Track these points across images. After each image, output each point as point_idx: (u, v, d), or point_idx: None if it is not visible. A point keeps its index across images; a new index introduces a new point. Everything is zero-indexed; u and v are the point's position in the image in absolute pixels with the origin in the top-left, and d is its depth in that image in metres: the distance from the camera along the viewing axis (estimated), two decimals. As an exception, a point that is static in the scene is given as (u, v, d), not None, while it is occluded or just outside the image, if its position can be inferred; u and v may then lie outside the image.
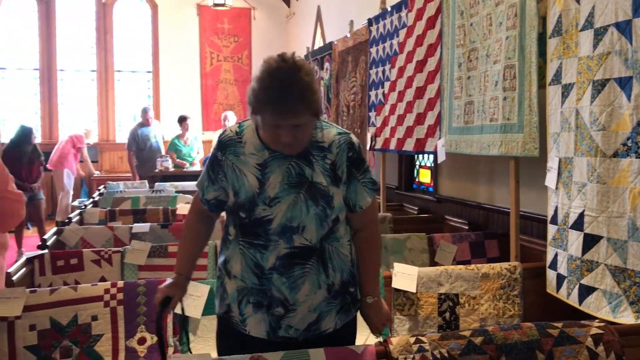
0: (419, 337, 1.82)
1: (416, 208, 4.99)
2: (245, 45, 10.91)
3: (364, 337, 2.11)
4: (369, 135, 4.99)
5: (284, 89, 1.69)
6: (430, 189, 4.99)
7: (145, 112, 8.32)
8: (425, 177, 5.26)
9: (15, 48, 10.20)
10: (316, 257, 1.83)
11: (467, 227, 4.06)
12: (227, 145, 1.88)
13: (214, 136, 8.67)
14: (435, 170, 4.82)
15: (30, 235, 8.05)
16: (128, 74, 10.77)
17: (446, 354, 1.77)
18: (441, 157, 3.70)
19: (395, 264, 2.78)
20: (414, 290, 2.69)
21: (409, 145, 4.21)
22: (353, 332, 1.99)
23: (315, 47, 7.47)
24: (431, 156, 4.60)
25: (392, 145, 4.51)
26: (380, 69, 4.75)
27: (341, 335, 1.91)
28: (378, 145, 4.80)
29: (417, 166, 5.43)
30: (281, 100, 1.69)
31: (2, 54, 10.09)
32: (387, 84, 4.59)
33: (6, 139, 7.60)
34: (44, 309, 2.31)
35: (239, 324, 1.87)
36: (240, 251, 1.86)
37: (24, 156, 7.11)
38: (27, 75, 10.33)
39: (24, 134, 7.26)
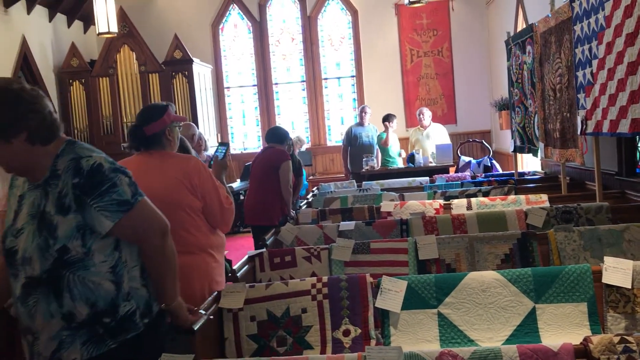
0: (624, 336, 1.68)
1: (640, 195, 4.52)
2: (445, 37, 10.79)
3: None
4: (579, 119, 4.62)
5: None
6: (657, 173, 4.48)
7: (360, 111, 8.69)
8: (650, 159, 4.73)
9: (236, 69, 11.44)
10: (45, 287, 1.81)
11: (702, 214, 3.57)
12: (11, 178, 1.98)
13: (410, 133, 8.69)
14: (660, 151, 4.31)
15: (243, 236, 8.85)
16: (334, 80, 11.35)
17: (658, 356, 1.62)
18: (662, 138, 3.32)
19: (606, 258, 2.57)
20: (629, 286, 2.46)
21: (624, 127, 3.82)
22: None
23: (517, 31, 7.11)
24: (655, 136, 4.12)
25: (605, 128, 4.13)
26: (586, 46, 4.38)
27: None
28: (590, 129, 4.43)
29: (640, 148, 4.90)
30: None
31: (227, 75, 11.40)
32: (594, 62, 4.21)
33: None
34: (261, 302, 2.58)
35: None
36: None
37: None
38: (247, 91, 11.47)
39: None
